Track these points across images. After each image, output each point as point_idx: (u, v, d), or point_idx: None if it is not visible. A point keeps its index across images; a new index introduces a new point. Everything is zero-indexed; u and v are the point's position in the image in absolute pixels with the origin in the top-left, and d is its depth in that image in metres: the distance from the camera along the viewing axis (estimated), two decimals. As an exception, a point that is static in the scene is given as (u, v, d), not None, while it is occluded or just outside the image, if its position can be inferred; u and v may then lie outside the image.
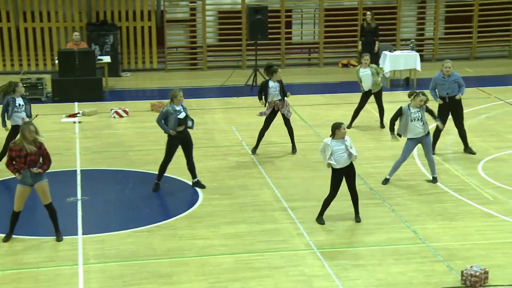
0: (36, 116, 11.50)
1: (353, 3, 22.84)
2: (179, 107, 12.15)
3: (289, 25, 22.87)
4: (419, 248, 10.24)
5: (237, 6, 22.50)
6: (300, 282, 9.31)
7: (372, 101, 15.91)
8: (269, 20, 20.57)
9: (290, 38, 23.00)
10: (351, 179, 11.02)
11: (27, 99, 13.47)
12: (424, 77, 19.68)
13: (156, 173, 12.50)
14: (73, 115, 17.15)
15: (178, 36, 22.76)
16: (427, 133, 12.42)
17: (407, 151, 12.52)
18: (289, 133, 14.34)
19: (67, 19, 21.66)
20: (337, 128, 10.83)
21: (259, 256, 10.01)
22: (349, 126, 15.65)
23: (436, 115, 12.82)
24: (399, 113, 12.38)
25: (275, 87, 14.02)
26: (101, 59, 19.60)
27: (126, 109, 17.32)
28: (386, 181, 12.63)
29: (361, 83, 15.69)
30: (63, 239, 10.51)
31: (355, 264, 9.77)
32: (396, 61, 19.81)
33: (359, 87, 15.88)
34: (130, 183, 12.87)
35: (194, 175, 12.60)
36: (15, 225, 10.49)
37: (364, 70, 15.62)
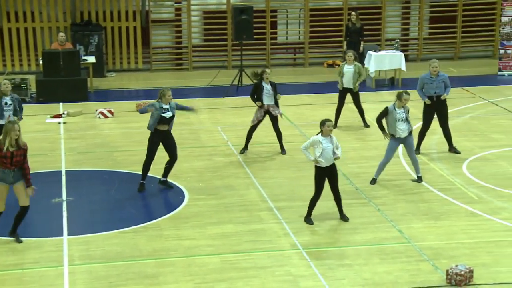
0: (9, 116, 11.45)
1: (338, 3, 22.88)
2: (166, 106, 12.13)
3: (274, 25, 22.88)
4: (404, 247, 10.27)
5: (222, 6, 22.48)
6: (287, 282, 9.31)
7: (350, 101, 15.99)
8: (254, 20, 20.56)
9: (275, 38, 23.01)
10: (334, 179, 11.04)
11: (17, 98, 13.35)
12: (409, 77, 19.76)
13: (141, 173, 12.43)
14: (58, 116, 17.07)
15: (163, 36, 22.72)
16: (409, 133, 12.46)
17: (390, 152, 12.55)
18: (278, 136, 14.29)
19: (51, 19, 21.56)
20: (322, 125, 10.87)
21: (246, 256, 10.01)
22: (334, 127, 15.67)
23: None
24: (385, 113, 12.42)
25: (268, 90, 14.00)
26: (85, 60, 19.52)
27: (111, 109, 17.26)
28: (373, 181, 12.67)
29: (341, 79, 15.72)
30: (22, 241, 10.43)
31: (341, 263, 9.79)
32: (381, 61, 19.88)
33: (336, 84, 15.94)
34: (116, 183, 12.83)
35: (165, 175, 12.51)
36: None
37: (348, 66, 15.70)
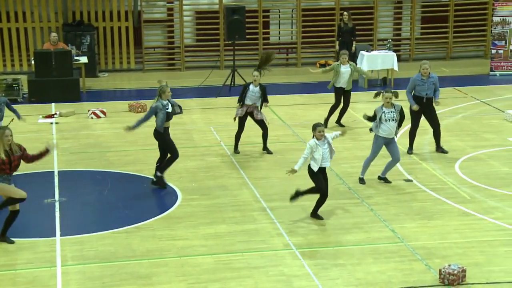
0: (11, 120, 11.43)
1: (330, 3, 22.92)
2: (165, 102, 12.14)
3: (266, 25, 22.89)
4: (397, 247, 10.29)
5: (215, 6, 22.48)
6: (280, 282, 9.32)
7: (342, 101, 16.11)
8: (247, 20, 20.57)
9: (268, 38, 23.02)
10: (326, 180, 11.08)
11: (5, 101, 13.32)
12: (401, 77, 19.80)
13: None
14: (50, 116, 17.03)
15: (155, 36, 22.69)
16: (395, 135, 12.43)
17: (377, 149, 12.47)
18: (264, 135, 14.22)
19: (43, 19, 21.50)
20: (314, 130, 10.91)
21: (239, 256, 10.01)
22: (339, 123, 16.09)
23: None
24: (374, 117, 12.35)
25: (254, 92, 14.00)
26: (78, 60, 19.48)
27: (104, 109, 17.23)
28: (361, 180, 12.66)
29: (336, 79, 15.75)
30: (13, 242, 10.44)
31: (334, 263, 9.80)
32: (373, 61, 19.91)
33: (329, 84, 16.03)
34: (109, 184, 12.81)
35: (162, 171, 12.48)
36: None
37: (344, 67, 15.74)
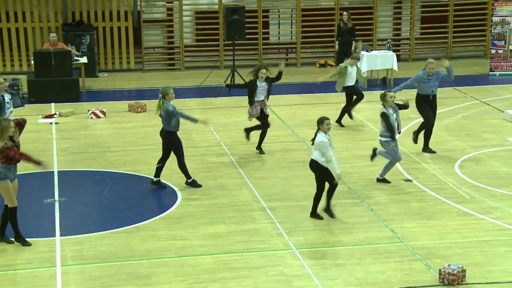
0: (10, 112, 11.52)
1: (329, 3, 22.92)
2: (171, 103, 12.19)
3: (266, 25, 22.89)
4: (397, 247, 10.29)
5: (214, 6, 22.47)
6: (280, 282, 9.32)
7: (343, 101, 16.21)
8: (246, 20, 20.57)
9: (267, 38, 23.03)
10: (332, 178, 11.11)
11: (12, 92, 13.34)
12: (401, 76, 19.76)
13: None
14: (50, 116, 17.03)
15: (155, 36, 22.69)
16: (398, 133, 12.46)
17: (397, 149, 12.47)
18: (262, 133, 14.22)
19: (42, 19, 21.50)
20: (321, 123, 10.86)
21: (239, 256, 10.01)
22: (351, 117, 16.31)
23: (407, 105, 12.92)
24: (387, 118, 12.22)
25: (263, 86, 14.01)
26: (77, 60, 19.48)
27: (104, 109, 17.23)
28: (385, 181, 12.63)
29: (345, 80, 15.85)
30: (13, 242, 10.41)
31: (334, 263, 9.80)
32: (373, 61, 19.92)
33: (334, 85, 16.15)
34: (108, 184, 12.81)
35: (157, 175, 12.49)
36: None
37: (351, 68, 16.01)
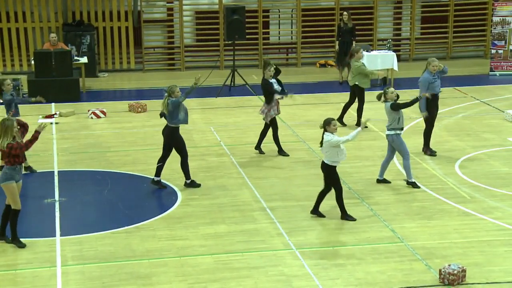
0: (10, 113, 11.51)
1: (329, 3, 22.92)
2: None
3: (266, 25, 22.89)
4: (397, 247, 10.29)
5: (214, 6, 22.47)
6: (280, 282, 9.32)
7: (343, 100, 16.19)
8: (247, 20, 20.56)
9: (267, 38, 23.03)
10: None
11: (14, 93, 13.40)
12: (401, 76, 19.80)
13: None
14: (50, 116, 17.03)
15: (155, 36, 22.69)
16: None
17: (404, 143, 12.43)
18: (262, 132, 14.17)
19: (42, 19, 21.50)
20: (328, 124, 11.00)
21: (239, 256, 10.01)
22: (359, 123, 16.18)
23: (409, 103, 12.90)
24: (399, 106, 12.21)
25: (275, 83, 13.96)
26: (77, 60, 19.48)
27: (104, 109, 17.23)
28: (414, 184, 12.50)
29: (362, 78, 15.98)
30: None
31: (334, 263, 9.80)
32: (373, 61, 19.88)
33: (340, 84, 16.17)
34: (108, 184, 12.81)
35: (157, 175, 12.48)
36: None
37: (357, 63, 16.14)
